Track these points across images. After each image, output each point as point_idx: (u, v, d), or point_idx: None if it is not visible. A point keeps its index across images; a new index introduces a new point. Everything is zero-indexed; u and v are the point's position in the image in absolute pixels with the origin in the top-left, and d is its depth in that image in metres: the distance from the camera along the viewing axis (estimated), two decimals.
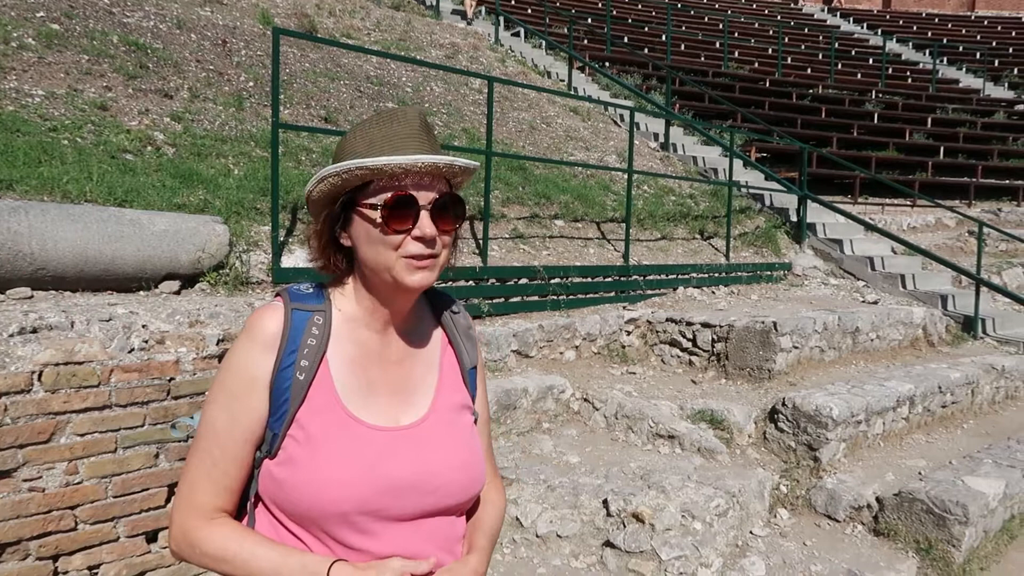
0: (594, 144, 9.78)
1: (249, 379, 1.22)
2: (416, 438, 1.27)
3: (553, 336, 5.40)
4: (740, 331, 5.52)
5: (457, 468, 1.29)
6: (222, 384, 1.24)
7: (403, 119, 1.23)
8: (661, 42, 17.96)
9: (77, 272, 3.42)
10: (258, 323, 1.25)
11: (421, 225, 1.19)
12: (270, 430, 1.23)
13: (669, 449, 4.55)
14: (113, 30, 7.07)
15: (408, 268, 1.20)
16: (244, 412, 1.22)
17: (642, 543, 3.56)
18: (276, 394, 1.22)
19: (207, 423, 1.24)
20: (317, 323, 1.25)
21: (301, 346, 1.22)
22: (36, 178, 4.05)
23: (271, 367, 1.22)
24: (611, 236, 7.34)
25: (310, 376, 1.22)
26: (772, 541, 3.95)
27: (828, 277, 8.72)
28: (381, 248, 1.20)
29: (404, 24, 11.91)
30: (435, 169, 1.21)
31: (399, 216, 1.19)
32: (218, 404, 1.23)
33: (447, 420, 1.32)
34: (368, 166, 1.18)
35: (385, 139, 1.20)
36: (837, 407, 4.51)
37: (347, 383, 1.25)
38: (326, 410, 1.22)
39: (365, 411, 1.25)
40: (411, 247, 1.20)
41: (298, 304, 1.26)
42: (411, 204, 1.19)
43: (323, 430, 1.20)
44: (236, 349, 1.25)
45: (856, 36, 24.81)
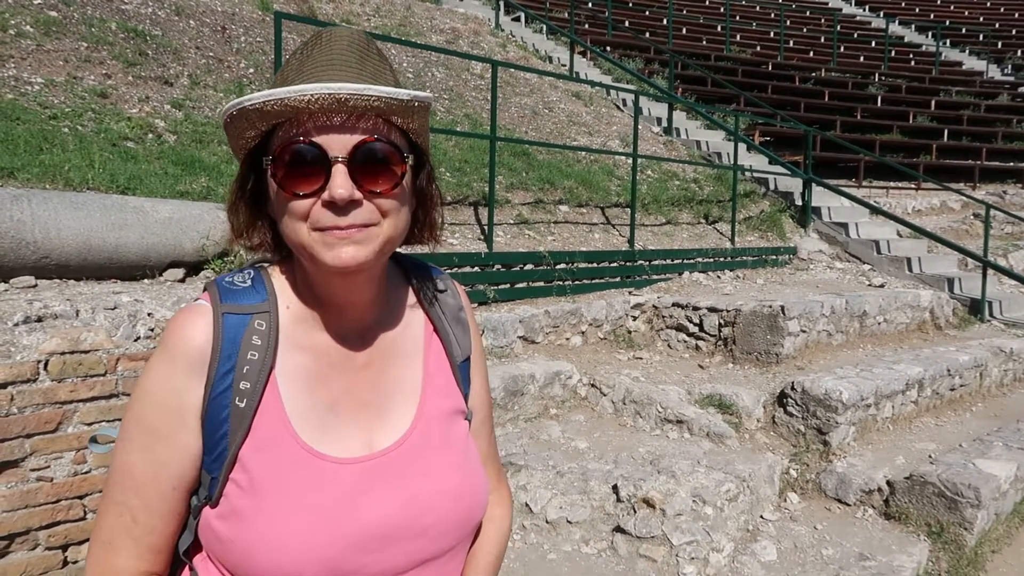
0: (597, 129, 9.72)
1: (173, 411, 0.91)
2: (396, 466, 0.97)
3: (559, 322, 5.37)
4: (747, 315, 5.49)
5: (450, 497, 0.99)
6: (138, 418, 0.92)
7: (327, 42, 0.91)
8: (662, 26, 17.83)
9: (81, 260, 3.38)
10: (178, 334, 0.92)
11: (332, 185, 0.87)
12: (207, 472, 0.93)
13: (678, 434, 4.53)
14: (111, 17, 7.00)
15: (323, 243, 0.88)
16: (170, 453, 0.92)
17: (653, 528, 3.54)
18: (210, 427, 0.92)
19: (122, 468, 0.93)
20: (259, 329, 0.94)
21: (239, 363, 0.92)
22: (38, 166, 4.01)
23: (201, 394, 0.91)
24: (616, 221, 7.30)
25: (253, 402, 0.92)
26: (783, 525, 3.93)
27: (834, 261, 8.68)
28: (289, 220, 0.90)
29: (404, 9, 11.81)
30: (342, 104, 0.86)
31: (300, 174, 0.87)
32: (135, 444, 0.92)
33: (436, 434, 1.02)
34: (245, 106, 0.87)
35: (298, 71, 0.89)
36: (847, 391, 4.48)
37: (301, 406, 0.94)
38: (275, 445, 0.92)
39: (327, 440, 0.95)
40: (319, 216, 0.88)
41: (231, 305, 0.94)
42: (315, 156, 0.87)
43: (272, 472, 0.91)
44: (152, 371, 0.93)
45: (858, 18, 24.63)
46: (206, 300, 0.95)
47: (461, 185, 6.40)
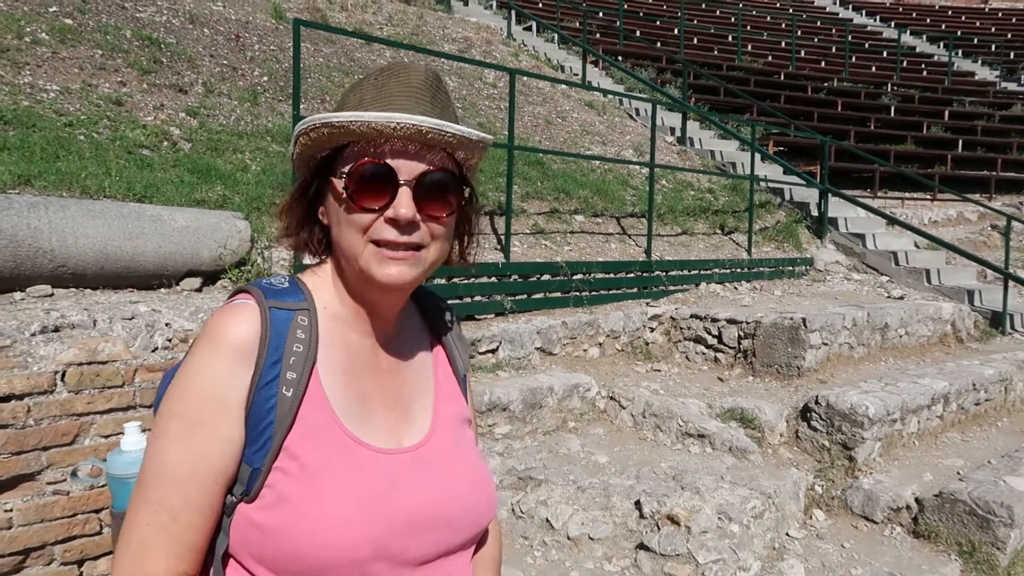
0: (610, 138, 9.66)
1: (218, 401, 0.93)
2: (423, 461, 1.04)
3: (577, 333, 5.30)
4: (767, 327, 5.40)
5: (471, 492, 1.07)
6: (178, 410, 0.94)
7: (404, 74, 0.99)
8: (674, 36, 17.81)
9: (98, 269, 3.33)
10: (227, 328, 0.96)
11: (396, 204, 0.95)
12: (247, 464, 0.95)
13: (700, 448, 4.44)
14: (126, 25, 6.99)
15: (377, 257, 0.97)
16: (212, 445, 0.93)
17: (678, 546, 3.45)
18: (255, 418, 0.94)
19: (158, 464, 0.92)
20: (302, 324, 0.99)
21: (286, 354, 0.96)
22: (54, 173, 3.97)
23: (247, 384, 0.94)
24: (632, 231, 7.23)
25: (300, 392, 0.96)
26: (809, 543, 3.84)
27: (851, 272, 8.58)
28: (348, 230, 0.98)
29: (416, 19, 11.81)
30: (421, 135, 0.95)
31: (370, 190, 0.95)
32: (173, 437, 0.93)
33: (451, 437, 1.10)
34: (332, 123, 0.95)
35: (376, 96, 0.98)
36: (873, 405, 4.39)
37: (341, 398, 1.00)
38: (323, 432, 0.96)
39: (365, 431, 1.01)
40: (381, 230, 0.96)
41: (276, 301, 0.99)
42: (386, 177, 0.95)
43: (322, 457, 0.95)
44: (197, 363, 0.95)
45: (869, 28, 24.57)
46: (247, 298, 0.99)
47: (476, 195, 6.34)
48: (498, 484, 3.91)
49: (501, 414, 4.28)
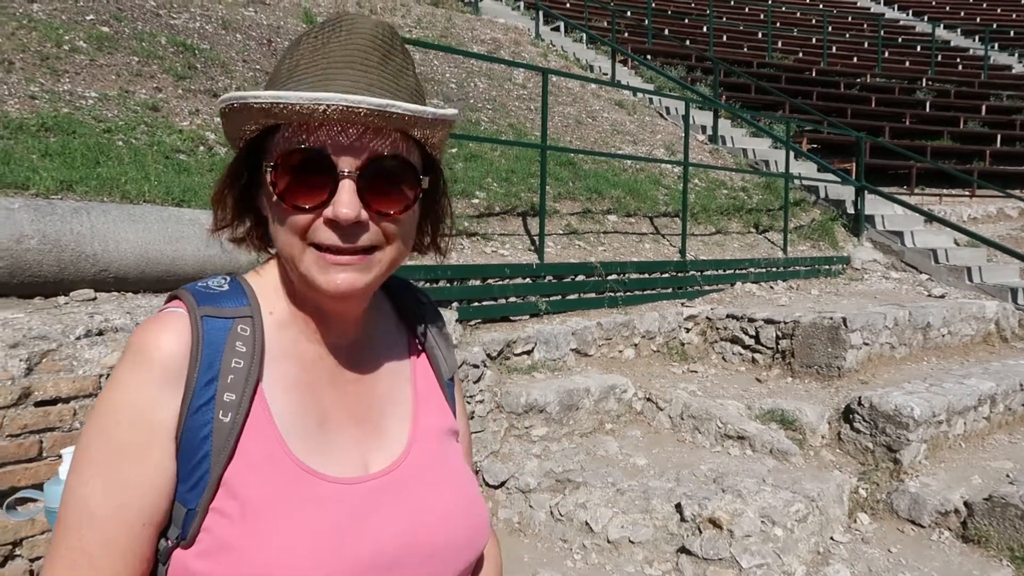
0: (641, 138, 9.59)
1: (144, 427, 0.77)
2: (397, 486, 0.88)
3: (612, 334, 5.25)
4: (806, 327, 5.31)
5: (458, 519, 0.91)
6: (99, 439, 0.78)
7: (347, 32, 0.81)
8: (703, 33, 17.65)
9: (139, 273, 3.36)
10: (151, 342, 0.80)
11: (336, 202, 0.78)
12: (181, 504, 0.79)
13: (739, 451, 4.37)
14: (161, 31, 7.08)
15: (319, 263, 0.80)
16: (138, 478, 0.77)
17: (720, 550, 3.39)
18: (187, 450, 0.78)
19: (78, 503, 0.77)
20: (242, 335, 0.83)
21: (222, 372, 0.80)
22: (95, 179, 4.02)
23: (176, 409, 0.78)
24: (665, 231, 7.16)
25: (239, 417, 0.80)
26: (855, 548, 3.75)
27: (889, 270, 8.42)
28: (282, 230, 0.81)
29: (445, 21, 11.82)
30: (363, 118, 0.77)
31: (304, 185, 0.78)
32: (94, 470, 0.77)
33: (433, 454, 0.94)
34: (250, 104, 0.77)
35: (311, 64, 0.80)
36: (918, 406, 4.28)
37: (292, 420, 0.84)
38: (268, 464, 0.80)
39: (322, 458, 0.84)
40: (320, 233, 0.79)
41: (210, 308, 0.83)
42: (322, 168, 0.78)
43: (268, 494, 0.79)
44: (117, 384, 0.79)
45: (902, 23, 24.15)
46: (178, 306, 0.84)
47: (509, 195, 6.32)
48: (536, 486, 3.88)
49: (538, 416, 4.25)
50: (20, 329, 2.59)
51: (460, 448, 1.01)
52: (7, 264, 2.98)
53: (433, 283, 4.56)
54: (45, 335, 2.63)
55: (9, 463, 2.37)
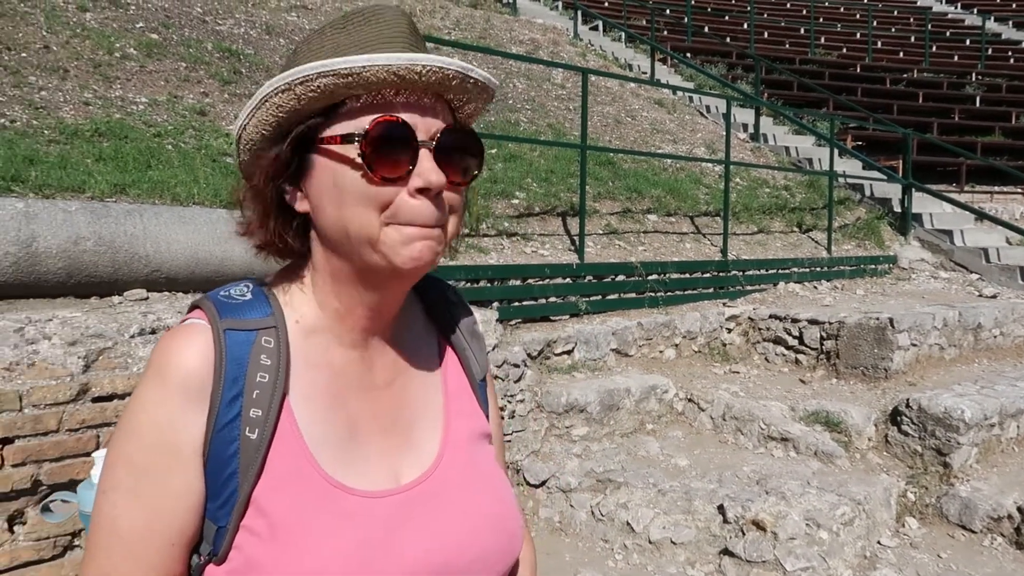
0: (681, 136, 9.52)
1: (168, 448, 0.76)
2: (429, 498, 0.85)
3: (652, 334, 5.22)
4: (852, 328, 5.22)
5: (492, 528, 0.88)
6: (125, 460, 0.77)
7: (381, 18, 0.80)
8: (743, 30, 17.44)
9: (189, 273, 3.45)
10: (174, 358, 0.78)
11: (422, 170, 0.77)
12: (211, 522, 0.78)
13: (783, 452, 4.32)
14: (207, 38, 7.24)
15: (402, 239, 0.77)
16: (166, 499, 0.76)
17: (764, 552, 3.36)
18: (215, 467, 0.77)
19: (106, 523, 0.77)
20: (267, 347, 0.80)
21: (247, 387, 0.78)
22: (147, 182, 4.13)
23: (202, 428, 0.77)
24: (706, 230, 7.09)
25: (266, 432, 0.78)
26: (903, 552, 3.68)
27: (937, 270, 8.22)
28: (359, 209, 0.77)
29: (483, 22, 11.87)
30: (438, 83, 0.78)
31: (389, 155, 0.76)
32: (122, 492, 0.76)
33: (465, 461, 0.91)
34: (337, 69, 0.74)
35: (356, 44, 0.78)
36: (969, 409, 4.18)
37: (320, 432, 0.81)
38: (297, 481, 0.78)
39: (351, 471, 0.82)
40: (406, 207, 0.77)
41: (232, 320, 0.80)
42: (406, 137, 0.77)
43: (297, 511, 0.77)
44: (141, 403, 0.78)
45: (950, 16, 23.54)
46: (200, 318, 0.81)
47: (549, 195, 6.33)
48: (576, 486, 3.88)
49: (578, 416, 4.25)
50: (78, 328, 2.68)
51: (492, 451, 0.98)
52: (65, 265, 3.08)
53: (473, 283, 4.59)
54: (101, 333, 2.72)
55: (68, 456, 2.45)
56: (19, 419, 2.35)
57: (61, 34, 6.04)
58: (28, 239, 2.98)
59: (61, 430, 2.44)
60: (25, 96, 4.97)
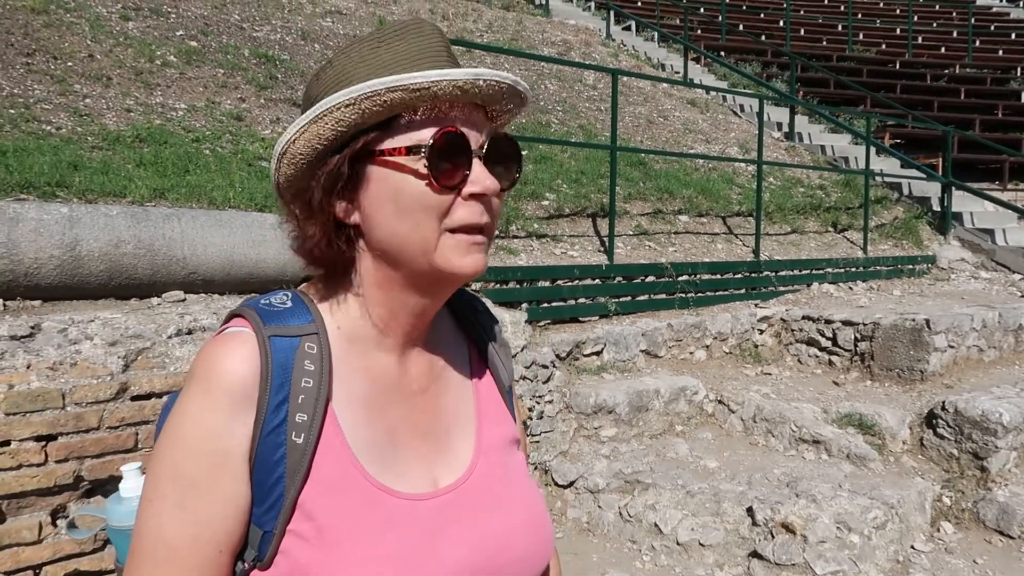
0: (714, 136, 9.45)
1: (216, 456, 0.77)
2: (466, 502, 0.88)
3: (682, 335, 5.21)
4: (887, 329, 5.14)
5: (526, 532, 0.91)
6: (170, 470, 0.78)
7: (418, 33, 0.83)
8: (779, 28, 17.23)
9: (224, 275, 3.54)
10: (220, 366, 0.79)
11: (477, 176, 0.81)
12: (257, 527, 0.79)
13: (814, 455, 4.28)
14: (244, 44, 7.39)
15: (459, 247, 0.81)
16: (215, 508, 0.77)
17: (793, 555, 3.34)
18: (261, 472, 0.78)
19: (152, 534, 0.77)
20: (310, 353, 0.82)
21: (293, 392, 0.80)
22: (185, 186, 4.24)
23: (249, 433, 0.78)
24: (738, 231, 7.04)
25: (312, 437, 0.79)
26: (937, 558, 3.63)
27: (978, 270, 8.05)
28: (420, 217, 0.80)
29: (515, 24, 11.92)
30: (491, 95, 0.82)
31: (449, 165, 0.79)
32: (167, 502, 0.77)
33: (499, 466, 0.93)
34: (407, 84, 0.76)
35: (399, 60, 0.80)
36: (1007, 412, 4.10)
37: (363, 437, 0.83)
38: (343, 484, 0.80)
39: (393, 474, 0.84)
40: (462, 213, 0.81)
41: (277, 327, 0.82)
42: (463, 147, 0.80)
43: (344, 515, 0.79)
44: (188, 410, 0.78)
45: (994, 10, 22.96)
46: (242, 325, 0.82)
47: (579, 196, 6.35)
48: (604, 487, 3.89)
49: (607, 416, 4.26)
50: (118, 328, 2.77)
51: (522, 458, 1.00)
52: (106, 267, 3.19)
53: (503, 284, 4.63)
54: (140, 334, 2.81)
55: (108, 453, 2.54)
56: (62, 416, 2.45)
57: (105, 43, 6.22)
58: (72, 243, 3.09)
59: (102, 427, 2.53)
60: (70, 104, 5.14)
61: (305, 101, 0.86)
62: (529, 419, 4.00)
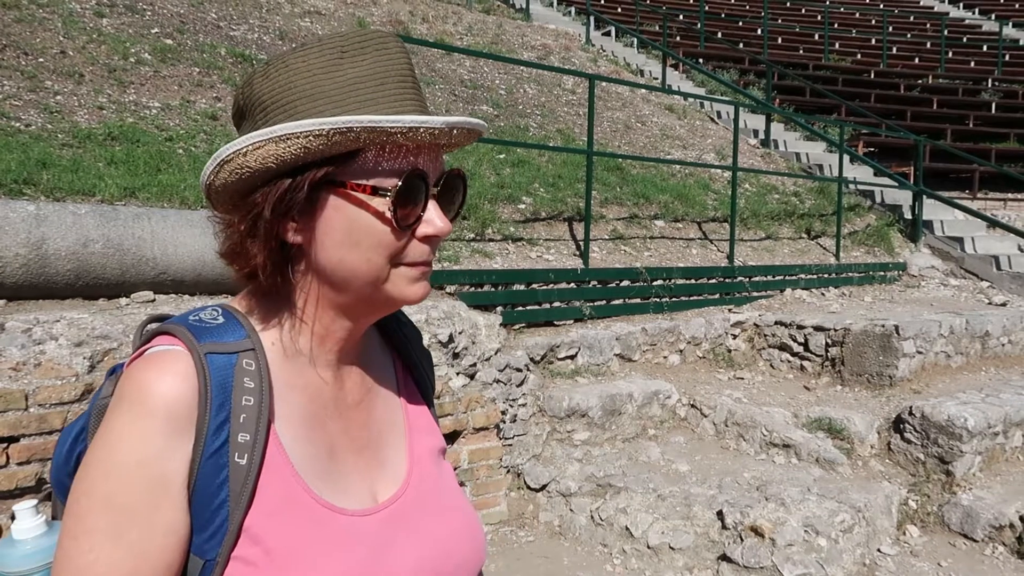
0: (691, 142, 9.53)
1: (153, 483, 0.72)
2: (407, 513, 0.88)
3: (656, 339, 5.24)
4: (857, 335, 5.21)
5: (465, 537, 0.92)
6: (103, 499, 0.72)
7: (382, 48, 0.80)
8: (757, 36, 17.41)
9: (195, 276, 3.51)
10: (155, 387, 0.73)
11: (431, 217, 0.81)
12: (197, 556, 0.75)
13: (785, 459, 4.32)
14: (221, 43, 7.34)
15: (406, 278, 0.82)
16: (154, 538, 0.72)
17: (762, 559, 3.37)
18: (202, 498, 0.74)
19: (81, 571, 0.71)
20: (248, 369, 0.78)
21: (234, 412, 0.76)
22: (156, 186, 4.20)
23: (188, 457, 0.74)
24: (713, 236, 7.10)
25: (256, 457, 0.76)
26: (903, 560, 3.68)
27: (947, 277, 8.18)
28: (372, 253, 0.79)
29: (495, 27, 11.93)
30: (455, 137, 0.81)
31: (410, 206, 0.79)
32: (97, 536, 0.71)
33: (432, 477, 0.94)
34: (386, 128, 0.75)
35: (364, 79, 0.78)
36: (972, 417, 4.18)
37: (305, 454, 0.81)
38: (288, 505, 0.78)
39: (336, 491, 0.83)
40: (415, 251, 0.81)
41: (211, 344, 0.77)
42: (423, 187, 0.80)
43: (292, 536, 0.77)
44: (121, 435, 0.73)
45: (967, 22, 23.37)
46: (171, 344, 0.77)
47: (555, 200, 6.37)
48: (577, 490, 3.91)
49: (580, 420, 4.27)
50: (84, 328, 2.74)
51: (450, 466, 1.01)
52: (74, 267, 3.15)
53: (478, 287, 4.63)
54: (107, 335, 2.78)
55: None
56: (24, 418, 2.41)
57: (77, 39, 6.15)
58: (38, 241, 3.05)
59: None
60: (41, 100, 5.06)
61: (250, 101, 0.80)
62: (502, 422, 4.00)
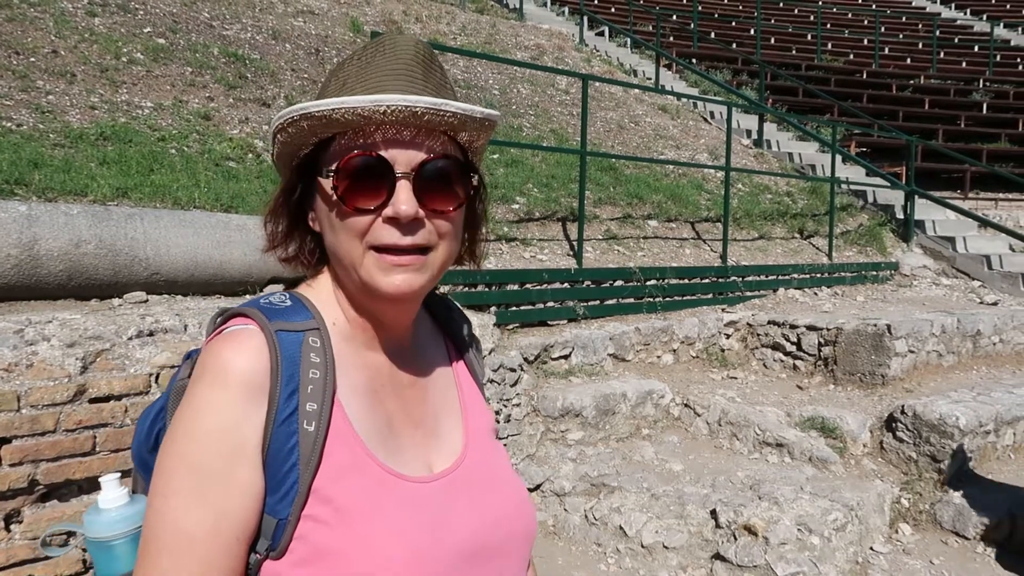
0: (684, 142, 9.54)
1: (232, 447, 0.80)
2: (464, 484, 0.94)
3: (650, 339, 5.25)
4: (849, 334, 5.23)
5: (516, 512, 0.97)
6: (186, 463, 0.79)
7: (390, 50, 0.87)
8: (750, 36, 17.45)
9: (188, 276, 3.50)
10: (232, 359, 0.82)
11: (395, 200, 0.83)
12: (271, 516, 0.82)
13: (778, 458, 4.34)
14: (214, 42, 7.32)
15: (379, 265, 0.85)
16: (232, 498, 0.79)
17: (755, 557, 3.38)
18: (275, 462, 0.81)
19: (169, 528, 0.78)
20: (314, 346, 0.86)
21: (302, 383, 0.83)
22: (149, 186, 4.19)
23: (262, 424, 0.81)
24: (707, 236, 7.12)
25: (323, 425, 0.83)
26: (895, 559, 3.70)
27: (939, 277, 8.22)
28: (342, 235, 0.86)
29: (489, 27, 11.93)
30: (417, 118, 0.83)
31: (364, 188, 0.83)
32: (183, 496, 0.78)
33: (486, 453, 1.00)
34: (312, 113, 0.82)
35: (360, 77, 0.86)
36: (963, 416, 4.20)
37: (367, 425, 0.88)
38: (355, 468, 0.84)
39: (397, 460, 0.89)
40: (380, 233, 0.84)
41: (281, 323, 0.85)
42: (381, 170, 0.83)
43: (359, 498, 0.83)
44: (199, 405, 0.81)
45: (959, 23, 23.49)
46: (245, 323, 0.85)
47: (549, 200, 6.37)
48: (571, 490, 3.91)
49: (574, 420, 4.28)
50: (77, 329, 2.72)
51: (502, 445, 1.07)
52: (66, 267, 3.14)
53: (471, 287, 4.63)
54: (100, 335, 2.76)
55: (65, 456, 2.50)
56: (17, 419, 2.40)
57: (69, 39, 6.12)
58: (30, 242, 3.04)
59: (58, 430, 2.49)
60: (32, 100, 5.04)
61: None
62: (496, 422, 4.00)
